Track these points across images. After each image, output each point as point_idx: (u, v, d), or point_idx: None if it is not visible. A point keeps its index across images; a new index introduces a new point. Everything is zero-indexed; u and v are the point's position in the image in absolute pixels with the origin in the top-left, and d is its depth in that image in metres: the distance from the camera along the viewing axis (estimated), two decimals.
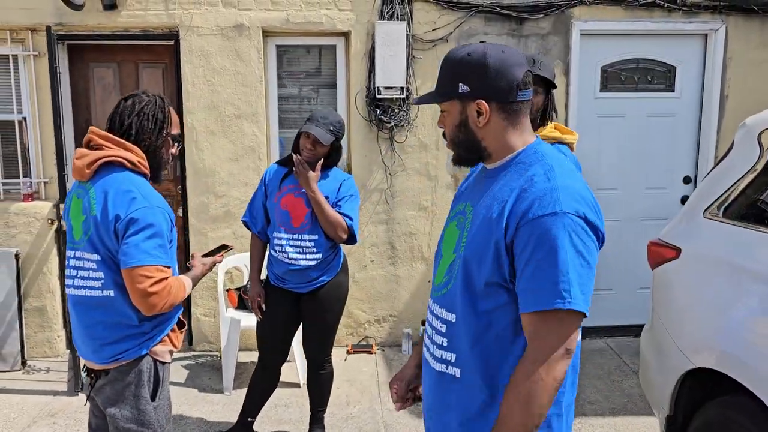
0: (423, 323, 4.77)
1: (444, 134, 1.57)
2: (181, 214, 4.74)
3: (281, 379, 3.49)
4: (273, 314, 3.31)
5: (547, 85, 2.63)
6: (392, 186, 4.70)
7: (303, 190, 3.18)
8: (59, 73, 4.47)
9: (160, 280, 2.15)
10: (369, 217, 4.72)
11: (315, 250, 3.20)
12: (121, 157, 2.22)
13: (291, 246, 3.19)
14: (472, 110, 1.46)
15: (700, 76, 4.90)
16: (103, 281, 2.20)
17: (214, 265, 2.58)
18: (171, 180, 4.81)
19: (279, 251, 3.21)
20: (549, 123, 2.71)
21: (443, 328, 1.50)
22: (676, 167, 4.99)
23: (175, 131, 2.36)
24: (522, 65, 1.44)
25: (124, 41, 4.59)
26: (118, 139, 2.24)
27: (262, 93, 4.54)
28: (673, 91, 4.91)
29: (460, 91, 1.46)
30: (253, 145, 4.56)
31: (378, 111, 4.54)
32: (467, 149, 1.51)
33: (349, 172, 4.72)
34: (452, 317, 1.47)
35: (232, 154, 4.57)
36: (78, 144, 4.77)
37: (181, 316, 2.42)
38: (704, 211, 2.69)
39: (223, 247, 2.71)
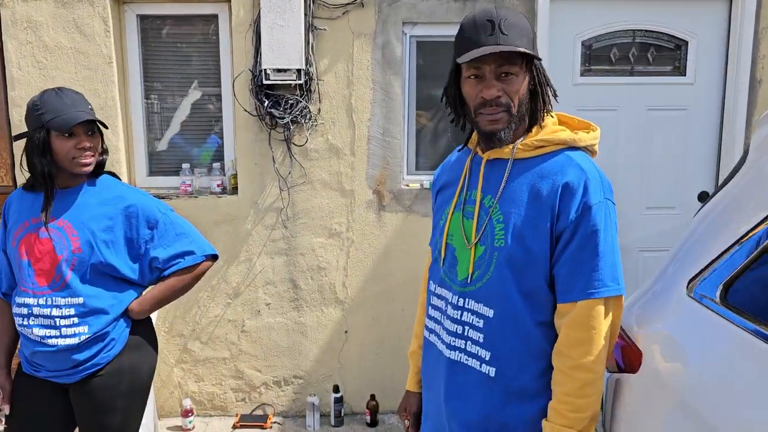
0: (336, 388, 3.54)
1: None
2: None
3: None
4: (23, 417, 2.14)
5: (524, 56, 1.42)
6: (292, 204, 3.48)
7: (53, 223, 2.03)
8: None
9: None
10: (262, 245, 3.50)
11: (77, 321, 2.03)
12: None
13: (37, 316, 2.02)
14: None
15: (721, 54, 3.55)
16: None
17: None
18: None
19: (22, 323, 2.05)
20: (546, 116, 1.49)
21: None
22: (688, 179, 3.65)
23: None
24: None
25: None
26: None
27: (113, 79, 3.36)
28: (684, 74, 3.57)
29: None
30: None
31: (267, 102, 3.32)
32: None
33: (235, 186, 3.51)
34: None
35: None
36: None
37: None
38: (689, 283, 1.40)
39: None
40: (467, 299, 1.47)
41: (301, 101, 3.33)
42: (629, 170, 3.61)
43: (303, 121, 3.37)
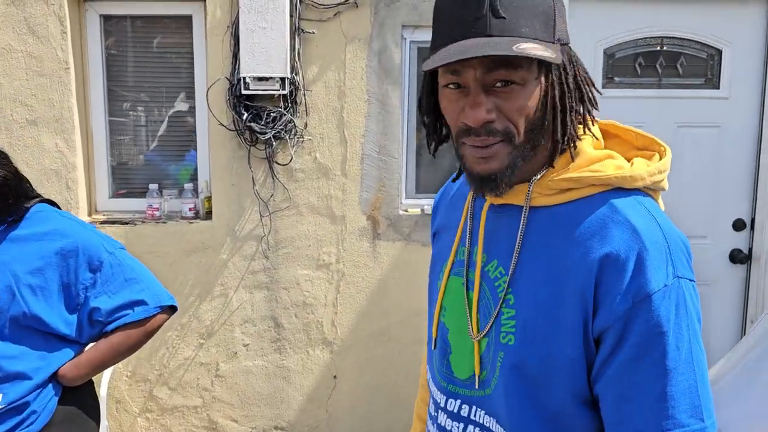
0: None
1: None
2: None
3: None
4: None
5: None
6: (275, 231, 3.05)
7: None
8: None
9: None
10: (239, 278, 3.07)
11: None
12: None
13: None
14: None
15: (760, 65, 3.16)
16: None
17: None
18: None
19: None
20: (583, 130, 0.97)
21: None
22: (722, 205, 3.25)
23: None
24: None
25: None
26: None
27: (71, 87, 2.94)
28: (718, 87, 3.18)
29: None
30: (58, 167, 2.97)
31: (246, 115, 2.91)
32: None
33: (209, 210, 3.09)
34: None
35: None
36: None
37: None
38: None
39: None
40: (474, 408, 0.98)
41: (285, 114, 2.92)
42: None
43: (287, 136, 2.95)
